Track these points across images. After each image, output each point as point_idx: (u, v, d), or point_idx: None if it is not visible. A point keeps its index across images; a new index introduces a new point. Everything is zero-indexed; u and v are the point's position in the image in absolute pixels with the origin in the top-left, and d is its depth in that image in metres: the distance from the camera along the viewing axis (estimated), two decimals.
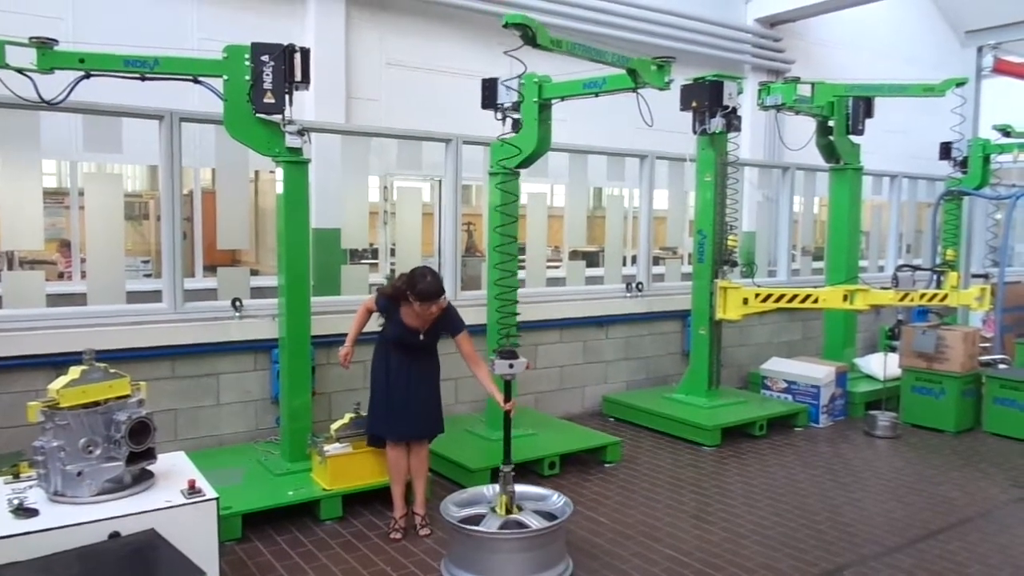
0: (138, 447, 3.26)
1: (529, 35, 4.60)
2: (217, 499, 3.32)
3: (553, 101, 5.34)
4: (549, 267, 7.72)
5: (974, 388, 6.88)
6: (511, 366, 4.19)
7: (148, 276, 7.86)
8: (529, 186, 8.23)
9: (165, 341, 5.09)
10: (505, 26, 4.42)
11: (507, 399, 4.20)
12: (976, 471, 5.72)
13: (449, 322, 4.34)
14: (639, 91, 5.13)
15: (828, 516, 4.80)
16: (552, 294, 7.08)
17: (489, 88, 5.48)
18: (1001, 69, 10.14)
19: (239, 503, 4.29)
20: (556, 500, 4.17)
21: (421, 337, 4.27)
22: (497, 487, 4.16)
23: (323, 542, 4.31)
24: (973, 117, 9.75)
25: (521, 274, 6.58)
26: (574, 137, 7.32)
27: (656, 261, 8.39)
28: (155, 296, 5.34)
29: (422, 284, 4.10)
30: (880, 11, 12.01)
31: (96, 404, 3.24)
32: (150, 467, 3.41)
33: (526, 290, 6.66)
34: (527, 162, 5.48)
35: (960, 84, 7.42)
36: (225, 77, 4.48)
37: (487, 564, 3.78)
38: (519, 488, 4.16)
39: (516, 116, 5.41)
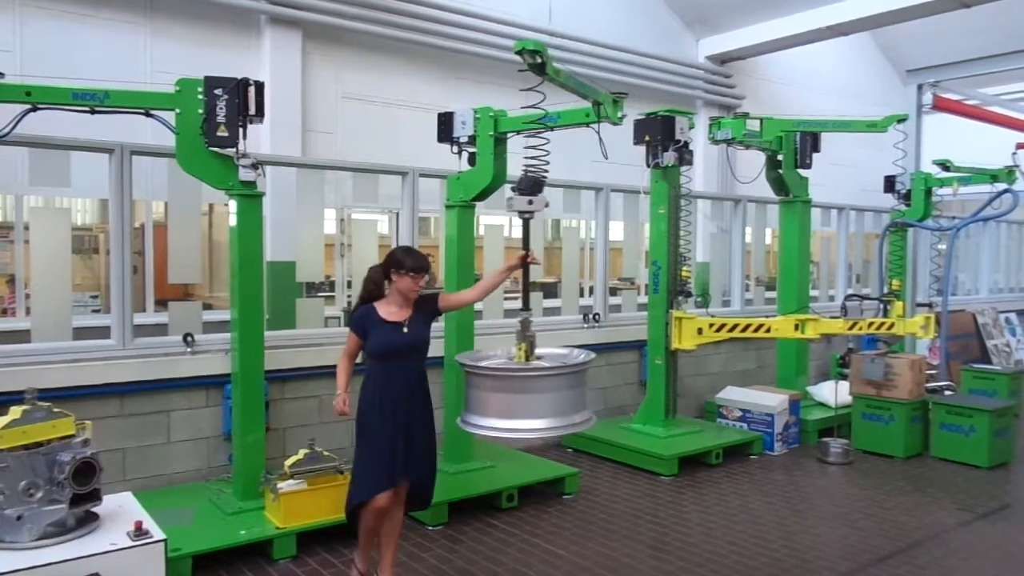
0: (82, 488, 3.18)
1: (539, 62, 4.41)
2: (165, 541, 3.25)
3: (509, 135, 5.41)
4: (507, 299, 7.75)
5: (921, 414, 7.04)
6: (530, 202, 3.95)
7: (97, 311, 7.68)
8: (487, 218, 8.29)
9: (113, 378, 4.97)
10: (519, 53, 4.27)
11: (525, 247, 4.08)
12: (925, 496, 5.85)
13: (425, 301, 3.99)
14: (593, 126, 5.22)
15: (783, 543, 4.85)
16: (511, 325, 7.09)
17: (445, 122, 5.53)
18: (940, 106, 10.55)
19: (189, 544, 4.17)
20: (576, 354, 4.06)
21: (405, 330, 3.86)
22: (503, 349, 4.06)
23: None
24: (915, 152, 10.08)
25: (478, 305, 6.60)
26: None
27: (613, 292, 8.49)
28: (104, 332, 5.22)
29: (411, 258, 3.87)
30: (826, 51, 12.46)
31: (38, 445, 3.15)
32: (95, 509, 3.32)
33: (483, 321, 6.67)
34: (483, 195, 5.52)
35: (901, 120, 7.71)
36: (178, 110, 4.46)
37: (517, 406, 3.61)
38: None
39: (472, 150, 5.46)
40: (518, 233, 10.31)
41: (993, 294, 12.78)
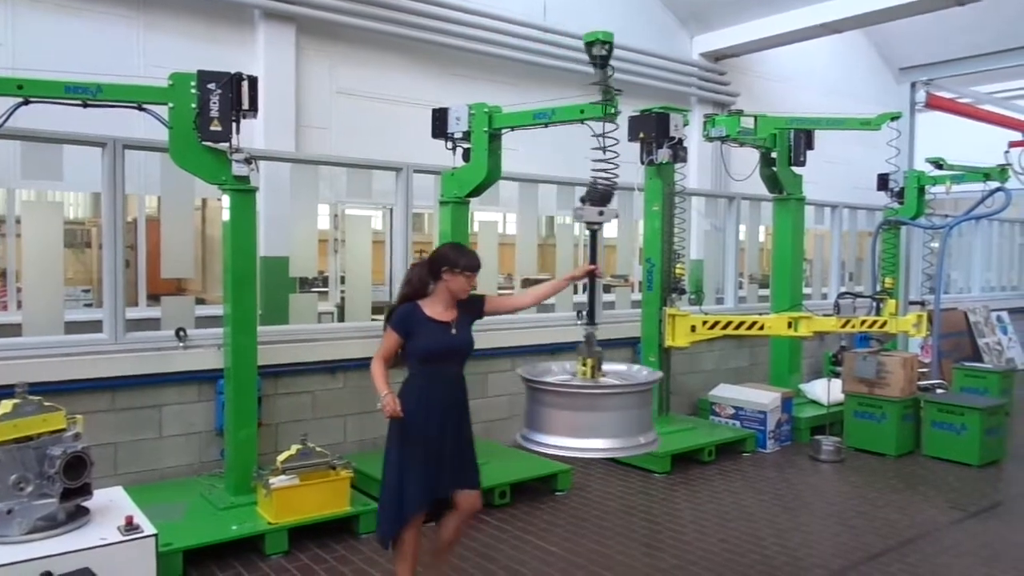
0: (73, 483, 3.17)
1: (605, 54, 4.20)
2: (155, 535, 3.24)
3: (503, 131, 5.40)
4: (500, 295, 7.74)
5: (913, 412, 7.07)
6: (601, 213, 3.78)
7: (89, 306, 7.65)
8: (481, 214, 8.29)
9: (105, 372, 4.95)
10: (589, 44, 4.11)
11: (592, 260, 3.87)
12: (916, 494, 5.87)
13: (471, 302, 3.75)
14: (587, 122, 5.19)
15: (775, 541, 4.86)
16: (503, 322, 7.10)
17: (439, 117, 5.52)
18: (933, 104, 10.57)
19: (180, 539, 4.15)
20: (639, 370, 3.96)
21: (454, 331, 3.63)
22: (564, 364, 3.88)
23: None
24: (908, 150, 10.11)
25: None
26: (526, 165, 7.41)
27: (606, 289, 8.49)
28: (96, 326, 5.20)
29: (465, 257, 3.66)
30: (820, 48, 12.48)
31: (29, 439, 3.14)
32: (86, 503, 3.31)
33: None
34: (477, 191, 5.52)
35: (895, 118, 7.73)
36: (170, 105, 4.44)
37: (584, 423, 3.44)
38: None
39: (466, 145, 5.46)
40: (512, 229, 10.31)
41: (985, 292, 12.83)
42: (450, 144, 5.52)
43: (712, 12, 11.35)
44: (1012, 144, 9.93)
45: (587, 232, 4.00)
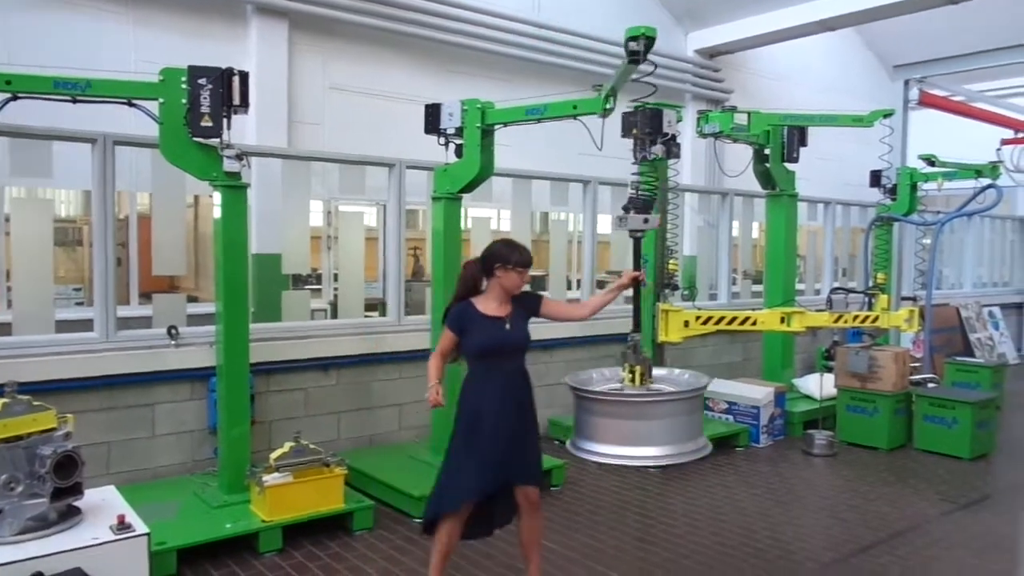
0: (64, 482, 3.15)
1: (644, 49, 4.00)
2: (148, 534, 3.22)
3: (496, 126, 5.39)
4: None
5: (905, 406, 7.10)
6: (646, 220, 3.81)
7: (80, 304, 7.61)
8: (474, 210, 8.28)
9: (96, 371, 4.93)
10: (631, 39, 3.94)
11: (636, 267, 3.92)
12: (907, 487, 5.90)
13: (526, 299, 3.80)
14: (579, 118, 5.19)
15: (768, 534, 4.88)
16: None
17: (432, 113, 5.50)
18: (926, 102, 10.59)
19: (173, 538, 4.15)
20: (681, 374, 3.97)
21: (508, 327, 3.66)
22: (605, 371, 3.92)
23: (261, 575, 4.20)
24: (901, 147, 10.12)
25: None
26: (519, 161, 7.40)
27: (600, 285, 8.48)
28: (87, 325, 5.17)
29: (516, 253, 3.67)
30: (815, 46, 12.48)
31: (18, 438, 3.12)
32: (77, 503, 3.29)
33: None
34: (469, 187, 5.51)
35: (887, 115, 7.74)
36: (161, 100, 4.42)
37: (637, 432, 3.47)
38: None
39: (459, 141, 5.44)
40: (506, 226, 10.30)
41: (977, 288, 12.88)
42: (443, 140, 5.50)
43: (707, 9, 11.33)
44: (1004, 141, 9.97)
45: (579, 230, 4.00)
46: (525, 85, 9.40)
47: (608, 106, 4.88)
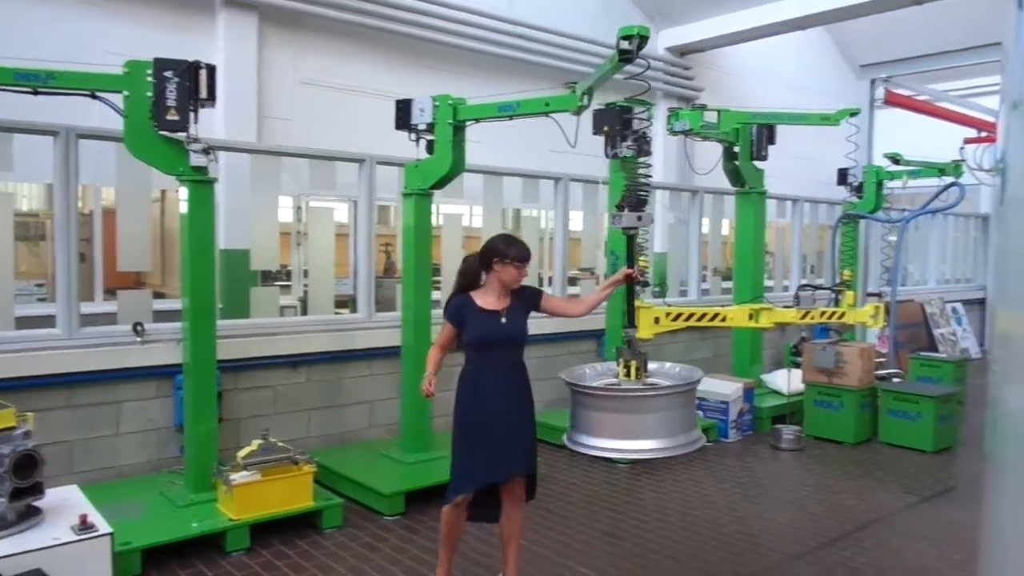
0: (23, 482, 3.09)
1: (637, 48, 4.00)
2: (111, 534, 3.18)
3: (468, 123, 5.37)
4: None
5: (871, 401, 7.22)
6: (639, 219, 3.87)
7: (43, 300, 7.47)
8: (445, 207, 8.26)
9: (59, 369, 4.84)
10: (625, 39, 3.95)
11: (630, 264, 3.98)
12: (872, 480, 6.00)
13: (526, 293, 3.85)
14: (552, 115, 5.19)
15: (736, 528, 4.93)
16: None
17: (403, 109, 5.47)
18: (892, 101, 10.77)
19: (138, 537, 4.08)
20: (676, 368, 4.06)
21: (503, 320, 3.72)
22: (597, 365, 3.99)
23: (229, 575, 4.15)
24: (867, 145, 10.29)
25: (437, 295, 6.57)
26: (491, 158, 7.39)
27: (572, 281, 8.52)
28: (49, 321, 5.08)
29: (514, 248, 3.73)
30: (784, 45, 12.62)
31: None
32: (37, 503, 3.24)
33: (442, 311, 6.64)
34: (440, 183, 5.49)
35: (854, 114, 7.85)
36: (126, 93, 4.35)
37: (630, 427, 3.53)
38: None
39: (430, 137, 5.42)
40: (478, 222, 10.29)
41: (941, 285, 13.13)
42: (414, 136, 5.48)
43: (678, 7, 11.41)
44: (967, 140, 10.17)
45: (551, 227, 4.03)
46: (497, 81, 9.39)
47: (583, 104, 4.90)
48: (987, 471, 2.70)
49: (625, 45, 3.95)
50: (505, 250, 3.71)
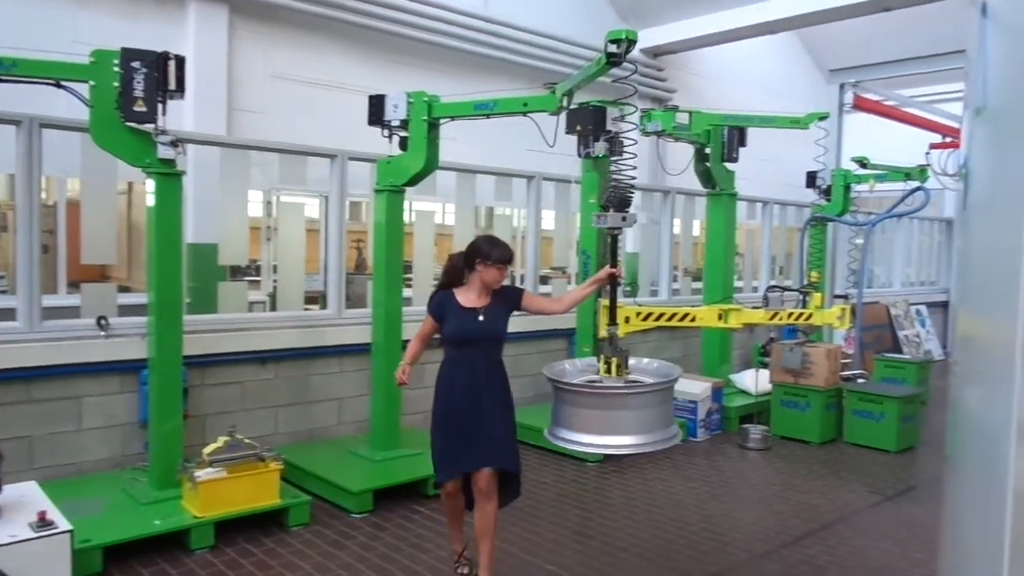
0: None
1: (624, 51, 4.02)
2: (71, 532, 3.12)
3: (443, 121, 5.34)
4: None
5: (836, 401, 7.33)
6: (624, 219, 3.92)
7: (4, 292, 7.30)
8: (418, 203, 8.22)
9: (19, 362, 4.74)
10: (614, 42, 3.97)
11: (613, 264, 4.00)
12: (837, 479, 6.09)
13: (508, 292, 3.97)
14: (530, 115, 5.16)
15: (703, 527, 4.98)
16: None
17: (376, 104, 5.43)
18: (860, 105, 10.95)
19: (100, 535, 4.01)
20: (653, 363, 4.14)
21: (481, 318, 3.82)
22: (578, 361, 4.08)
23: (192, 573, 4.10)
24: (836, 149, 10.44)
25: (408, 292, 6.55)
26: (464, 155, 7.37)
27: (543, 280, 8.53)
28: (10, 314, 4.96)
29: (496, 249, 3.85)
30: (756, 49, 12.75)
31: None
32: None
33: (413, 308, 6.61)
34: (414, 181, 5.47)
35: (823, 118, 7.95)
36: (92, 83, 4.27)
37: (611, 423, 3.58)
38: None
39: (404, 134, 5.39)
40: (451, 220, 10.26)
41: (905, 287, 13.37)
42: (386, 132, 5.44)
43: (652, 8, 11.47)
44: (933, 146, 10.36)
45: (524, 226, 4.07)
46: (472, 79, 9.38)
47: (563, 105, 4.92)
48: (947, 471, 2.76)
49: (613, 48, 4.00)
50: (488, 251, 3.84)
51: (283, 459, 4.74)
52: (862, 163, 8.86)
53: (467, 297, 3.90)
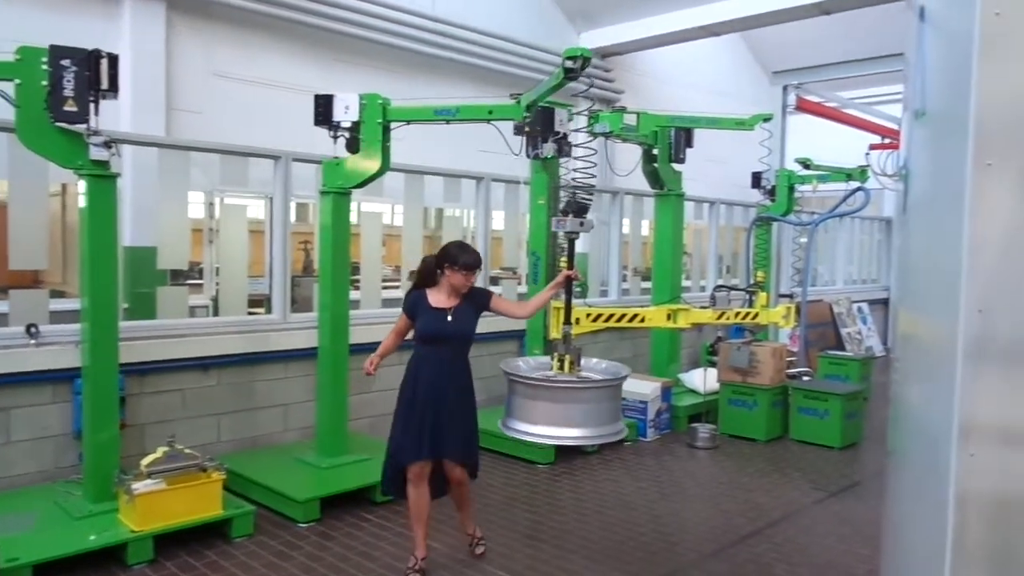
0: None
1: (579, 67, 4.06)
2: None
3: (394, 124, 5.23)
4: (388, 287, 7.60)
5: (782, 399, 7.45)
6: (582, 224, 4.15)
7: None
8: (365, 205, 8.10)
9: None
10: (570, 58, 4.01)
11: (570, 267, 4.26)
12: (783, 477, 6.19)
13: (477, 294, 4.23)
14: (493, 122, 5.06)
15: (652, 527, 5.00)
16: (390, 315, 6.96)
17: (323, 105, 5.28)
18: (803, 107, 11.21)
19: (29, 552, 3.83)
20: (602, 364, 4.35)
21: (449, 318, 4.10)
22: (531, 359, 4.35)
23: None
24: (780, 150, 10.67)
25: (355, 295, 6.44)
26: (414, 155, 7.27)
27: (494, 281, 8.49)
28: None
29: (464, 255, 4.10)
30: (702, 50, 12.92)
31: None
32: None
33: (360, 311, 6.51)
34: (364, 184, 5.36)
35: (767, 119, 8.08)
36: (18, 81, 4.08)
37: (561, 415, 3.84)
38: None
39: (350, 135, 5.26)
40: (399, 220, 10.14)
41: (848, 285, 13.72)
42: (333, 133, 5.31)
43: (599, 9, 11.53)
44: (872, 147, 10.65)
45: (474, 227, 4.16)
46: (419, 79, 9.31)
47: (527, 115, 4.90)
48: (889, 467, 2.81)
49: (570, 64, 4.11)
50: (456, 256, 4.08)
51: (226, 468, 4.59)
52: (805, 164, 9.02)
53: (437, 298, 4.16)
